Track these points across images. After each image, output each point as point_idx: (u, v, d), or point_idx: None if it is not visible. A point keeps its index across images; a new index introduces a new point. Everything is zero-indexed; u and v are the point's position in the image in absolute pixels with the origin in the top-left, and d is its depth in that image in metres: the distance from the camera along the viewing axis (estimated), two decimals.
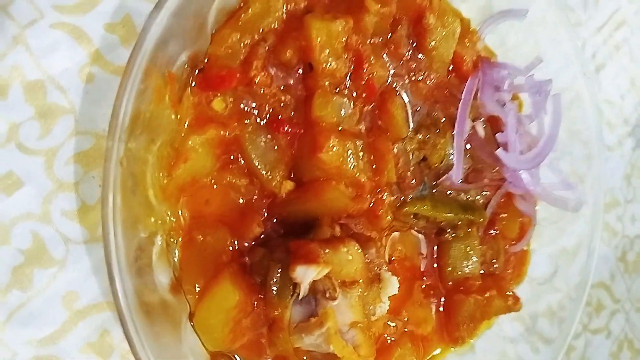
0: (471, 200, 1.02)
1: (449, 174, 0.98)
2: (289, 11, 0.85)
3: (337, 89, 0.86)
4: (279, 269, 0.77)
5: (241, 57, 0.82)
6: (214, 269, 0.79)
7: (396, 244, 0.98)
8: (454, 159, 0.98)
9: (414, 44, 0.95)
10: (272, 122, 0.84)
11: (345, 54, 0.85)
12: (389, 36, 0.92)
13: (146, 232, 0.75)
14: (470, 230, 1.01)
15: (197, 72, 0.81)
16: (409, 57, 0.95)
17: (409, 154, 0.95)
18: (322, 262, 0.75)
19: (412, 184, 0.95)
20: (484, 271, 1.04)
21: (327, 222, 0.83)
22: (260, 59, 0.81)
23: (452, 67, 1.01)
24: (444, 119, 0.98)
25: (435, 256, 1.02)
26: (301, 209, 0.84)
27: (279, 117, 0.84)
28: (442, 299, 1.02)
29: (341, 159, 0.83)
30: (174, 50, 0.76)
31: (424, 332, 0.99)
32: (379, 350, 0.91)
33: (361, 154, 0.86)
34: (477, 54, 1.04)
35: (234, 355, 0.83)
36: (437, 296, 1.01)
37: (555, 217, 1.10)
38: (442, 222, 0.99)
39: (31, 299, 0.78)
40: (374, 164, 0.89)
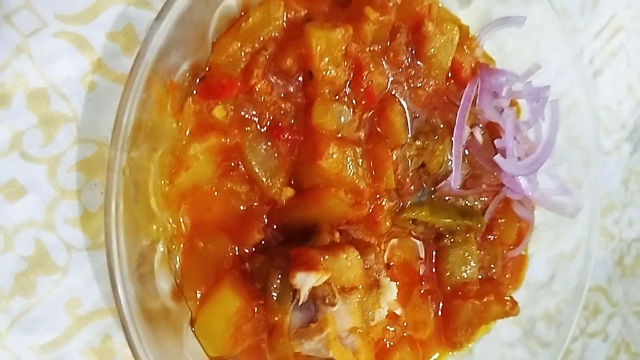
0: (469, 205, 1.02)
1: (447, 179, 0.98)
2: (289, 20, 0.86)
3: (337, 97, 0.87)
4: (279, 275, 0.78)
5: (242, 65, 0.82)
6: (215, 276, 0.80)
7: (395, 249, 0.98)
8: (452, 165, 0.97)
9: (413, 52, 0.95)
10: (273, 130, 0.85)
11: (344, 61, 0.85)
12: (388, 44, 0.92)
13: (148, 240, 0.76)
14: (468, 235, 1.01)
15: (198, 80, 0.82)
16: (407, 65, 0.95)
17: (408, 160, 0.95)
18: (321, 268, 0.76)
19: (410, 190, 0.95)
20: (482, 276, 1.04)
21: (327, 228, 0.83)
22: (260, 67, 0.82)
23: (450, 74, 1.00)
24: (442, 126, 0.98)
25: (433, 261, 1.02)
26: (301, 215, 0.85)
27: (279, 125, 0.85)
28: (441, 303, 1.02)
29: (341, 166, 0.83)
30: (176, 59, 0.77)
31: (423, 336, 1.00)
32: (378, 354, 0.92)
33: (360, 161, 0.86)
34: (475, 60, 1.04)
35: None
36: (435, 301, 1.02)
37: (552, 222, 1.10)
38: (440, 227, 0.99)
39: (34, 305, 0.79)
40: (373, 170, 0.89)
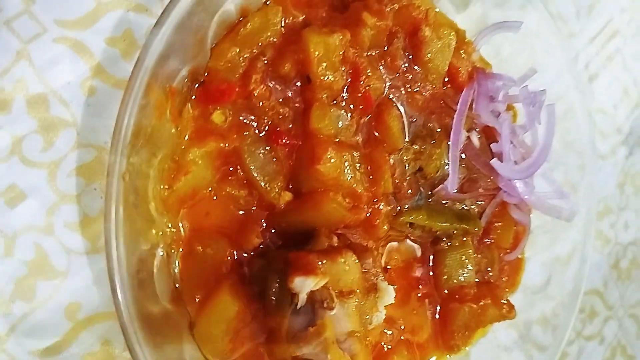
0: (466, 209, 1.03)
1: (444, 183, 0.98)
2: (287, 25, 0.87)
3: (335, 101, 0.87)
4: (278, 280, 0.78)
5: (240, 70, 0.83)
6: (214, 280, 0.80)
7: (392, 252, 0.99)
8: (449, 169, 0.98)
9: (410, 56, 0.95)
10: (271, 134, 0.85)
11: (342, 66, 0.86)
12: (386, 49, 0.93)
13: (147, 244, 0.77)
14: (465, 239, 1.02)
15: (197, 85, 0.82)
16: (405, 69, 0.95)
17: (405, 164, 0.95)
18: (320, 273, 0.76)
19: (408, 194, 0.96)
20: (479, 279, 1.04)
21: (325, 232, 0.84)
22: (259, 73, 0.82)
23: (447, 78, 1.01)
24: (439, 130, 0.98)
25: (431, 265, 1.02)
26: (299, 219, 0.85)
27: (278, 129, 0.85)
28: (438, 306, 1.02)
29: (338, 170, 0.84)
30: (175, 65, 0.77)
31: (420, 339, 1.00)
32: (376, 358, 0.92)
33: (358, 165, 0.87)
34: (472, 65, 1.05)
35: None
36: (432, 304, 1.02)
37: (548, 226, 1.10)
38: (437, 231, 0.99)
39: (34, 309, 0.79)
40: (370, 174, 0.90)
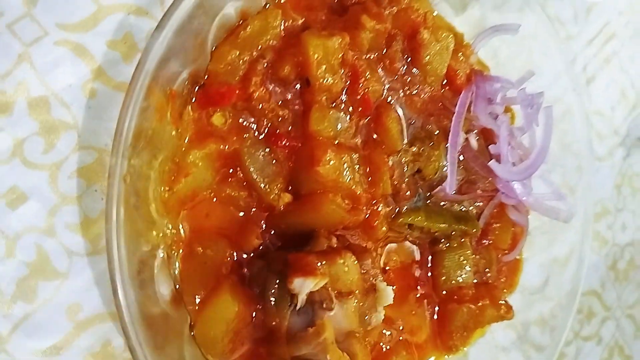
0: (465, 210, 1.03)
1: (442, 185, 0.99)
2: (287, 28, 0.87)
3: (334, 104, 0.88)
4: (277, 281, 0.79)
5: (240, 73, 0.83)
6: (214, 281, 0.81)
7: (391, 253, 0.99)
8: (447, 171, 0.98)
9: (409, 59, 0.96)
10: (271, 136, 0.86)
11: (341, 69, 0.86)
12: (384, 51, 0.93)
13: (148, 246, 0.77)
14: (463, 240, 1.02)
15: (197, 88, 0.82)
16: (403, 72, 0.96)
17: (404, 166, 0.96)
18: (319, 273, 0.76)
19: (406, 196, 0.96)
20: (477, 280, 1.05)
21: (324, 233, 0.84)
22: (258, 75, 0.83)
23: (446, 80, 1.02)
24: (437, 132, 0.99)
25: (429, 266, 1.03)
26: (299, 221, 0.85)
27: (277, 132, 0.86)
28: (436, 307, 1.03)
29: (338, 172, 0.84)
30: (175, 68, 0.78)
31: (419, 340, 1.01)
32: (375, 358, 0.93)
33: (357, 167, 0.87)
34: (470, 67, 1.05)
35: None
36: (431, 305, 1.03)
37: (546, 227, 1.11)
38: (436, 232, 1.00)
39: (36, 310, 0.79)
40: (369, 176, 0.90)
